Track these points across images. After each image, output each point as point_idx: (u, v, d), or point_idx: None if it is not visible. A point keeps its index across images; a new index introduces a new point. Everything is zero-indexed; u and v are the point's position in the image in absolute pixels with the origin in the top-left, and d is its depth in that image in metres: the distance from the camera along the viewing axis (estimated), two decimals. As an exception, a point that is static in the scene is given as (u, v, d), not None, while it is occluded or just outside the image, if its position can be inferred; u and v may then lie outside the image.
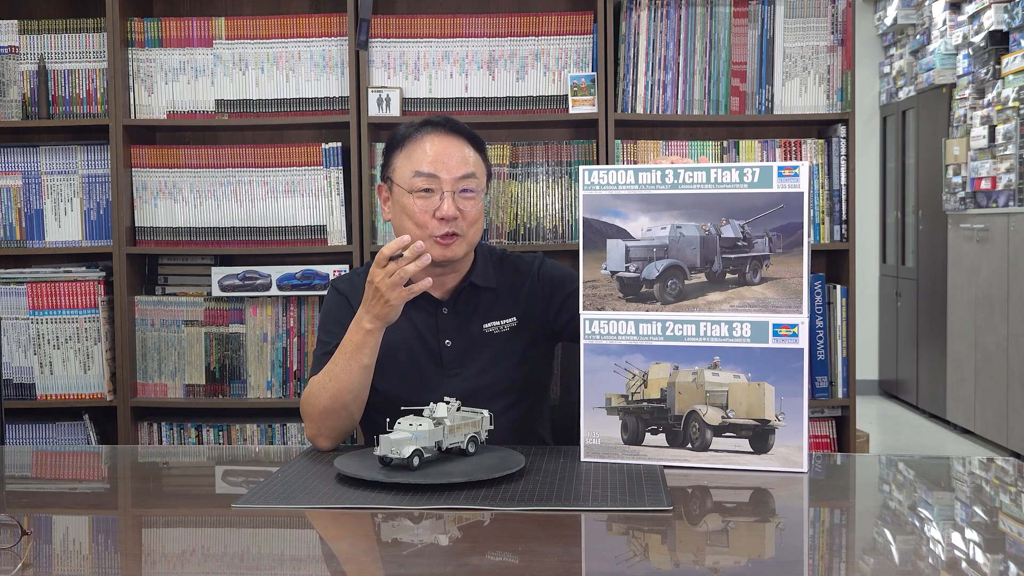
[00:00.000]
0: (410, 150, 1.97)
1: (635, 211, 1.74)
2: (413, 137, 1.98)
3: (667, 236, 1.72)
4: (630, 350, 1.73)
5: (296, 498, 1.53)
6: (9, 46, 3.18)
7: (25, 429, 3.17)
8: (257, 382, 3.16)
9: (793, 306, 1.67)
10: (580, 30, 3.12)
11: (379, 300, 1.77)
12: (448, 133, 1.98)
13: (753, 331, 1.68)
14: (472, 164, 1.98)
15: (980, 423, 5.39)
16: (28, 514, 1.51)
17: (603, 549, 1.40)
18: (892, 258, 6.96)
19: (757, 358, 1.68)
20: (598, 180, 1.75)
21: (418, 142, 1.97)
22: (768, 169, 1.67)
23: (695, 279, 1.72)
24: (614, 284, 1.75)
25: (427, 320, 1.99)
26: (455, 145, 1.97)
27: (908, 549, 1.38)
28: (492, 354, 1.99)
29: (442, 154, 1.95)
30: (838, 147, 3.10)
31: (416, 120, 2.04)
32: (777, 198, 1.67)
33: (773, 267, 1.68)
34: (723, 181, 1.69)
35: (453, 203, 1.93)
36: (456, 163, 1.95)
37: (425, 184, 1.93)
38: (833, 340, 3.09)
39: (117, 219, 3.11)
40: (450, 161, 1.95)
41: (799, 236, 1.66)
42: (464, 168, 1.95)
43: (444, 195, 1.93)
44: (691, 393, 1.71)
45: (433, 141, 1.97)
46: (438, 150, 1.95)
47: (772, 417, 1.67)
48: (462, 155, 1.97)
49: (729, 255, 1.70)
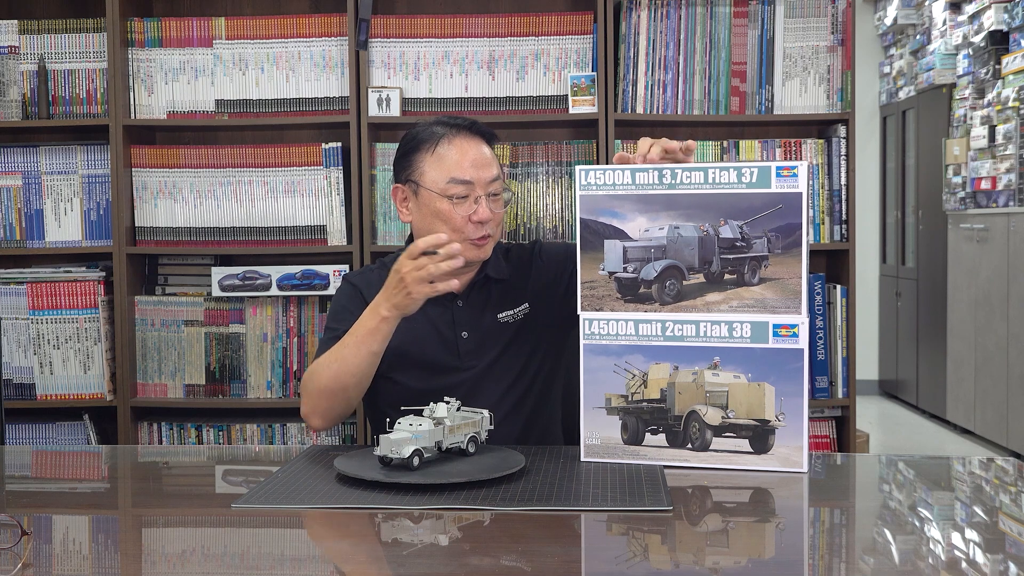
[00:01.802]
0: (440, 155, 1.98)
1: (632, 211, 1.73)
2: (440, 141, 1.98)
3: (665, 237, 1.72)
4: (630, 350, 1.73)
5: (296, 498, 1.53)
6: (9, 46, 3.18)
7: (25, 429, 3.17)
8: (257, 382, 3.16)
9: (792, 307, 1.67)
10: (580, 30, 3.12)
11: (402, 291, 1.78)
12: (474, 136, 2.00)
13: (753, 331, 1.68)
14: (496, 165, 2.01)
15: (980, 423, 5.39)
16: (28, 514, 1.51)
17: (603, 549, 1.40)
18: (892, 258, 6.96)
19: (757, 358, 1.68)
20: (594, 180, 1.75)
21: (448, 146, 1.98)
22: (767, 169, 1.67)
23: (693, 280, 1.71)
24: (612, 285, 1.75)
25: (443, 314, 2.01)
26: (482, 146, 2.00)
27: (908, 549, 1.38)
28: (507, 342, 2.02)
29: (476, 158, 1.97)
30: (838, 147, 3.10)
31: (427, 120, 2.04)
32: (776, 198, 1.66)
33: (772, 267, 1.67)
34: (721, 181, 1.69)
35: (487, 206, 1.96)
36: (487, 165, 1.98)
37: (462, 191, 1.95)
38: (833, 340, 3.09)
39: (117, 219, 3.12)
40: (481, 165, 1.97)
41: (798, 236, 1.66)
42: (493, 170, 1.99)
43: (479, 199, 1.95)
44: (691, 393, 1.70)
45: (463, 145, 1.98)
46: (470, 155, 1.97)
47: (772, 417, 1.67)
48: (489, 155, 2.00)
49: (727, 255, 1.70)
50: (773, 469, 1.67)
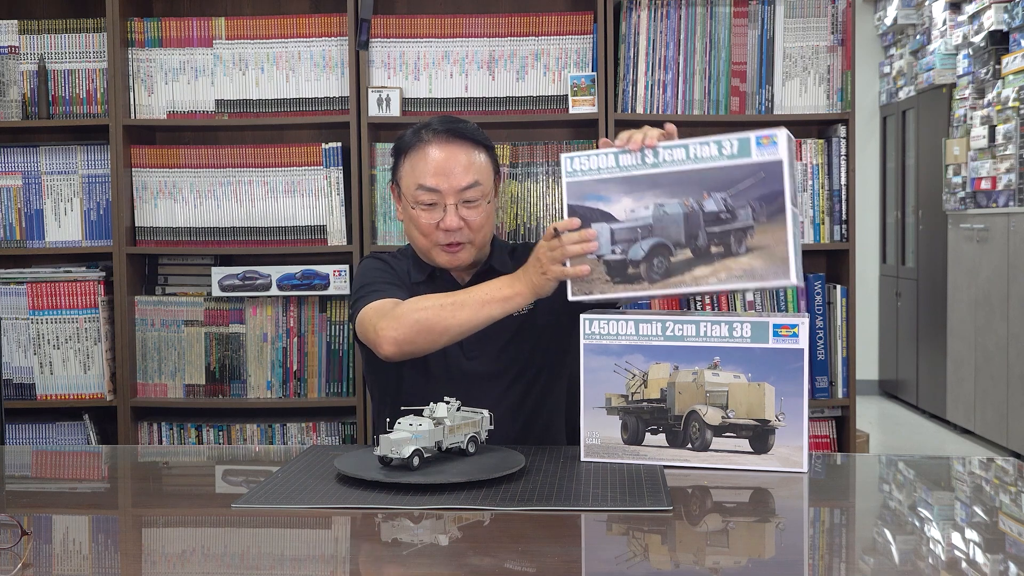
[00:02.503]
0: (413, 160, 1.98)
1: (618, 193, 1.74)
2: (415, 145, 1.98)
3: (650, 215, 1.73)
4: (630, 350, 1.73)
5: (296, 498, 1.53)
6: (9, 46, 3.18)
7: (25, 429, 3.17)
8: (257, 382, 3.16)
9: (780, 273, 1.66)
10: (580, 30, 3.12)
11: (537, 270, 1.79)
12: (449, 140, 1.97)
13: (753, 331, 1.68)
14: (475, 171, 1.97)
15: (980, 423, 5.39)
16: (28, 514, 1.51)
17: (603, 549, 1.40)
18: (892, 258, 6.96)
19: (757, 358, 1.68)
20: (580, 167, 1.77)
21: (420, 152, 1.97)
22: (746, 140, 1.68)
23: (681, 255, 1.72)
24: (601, 268, 1.75)
25: None
26: (457, 152, 1.97)
27: (908, 549, 1.38)
28: (511, 336, 2.02)
29: (443, 165, 1.95)
30: (838, 147, 3.10)
31: (422, 121, 2.04)
32: (756, 168, 1.67)
33: (758, 236, 1.67)
34: (702, 156, 1.70)
35: (456, 215, 1.94)
36: (459, 173, 1.95)
37: (428, 198, 1.95)
38: (833, 340, 3.09)
39: (117, 219, 3.12)
40: (452, 172, 1.95)
41: (781, 203, 1.66)
42: (466, 178, 1.95)
43: (447, 207, 1.94)
44: (691, 393, 1.71)
45: (434, 151, 1.96)
46: (439, 161, 1.95)
47: (772, 417, 1.67)
48: (465, 162, 1.96)
49: (713, 228, 1.70)
50: (773, 469, 1.67)
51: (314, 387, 3.16)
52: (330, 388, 3.16)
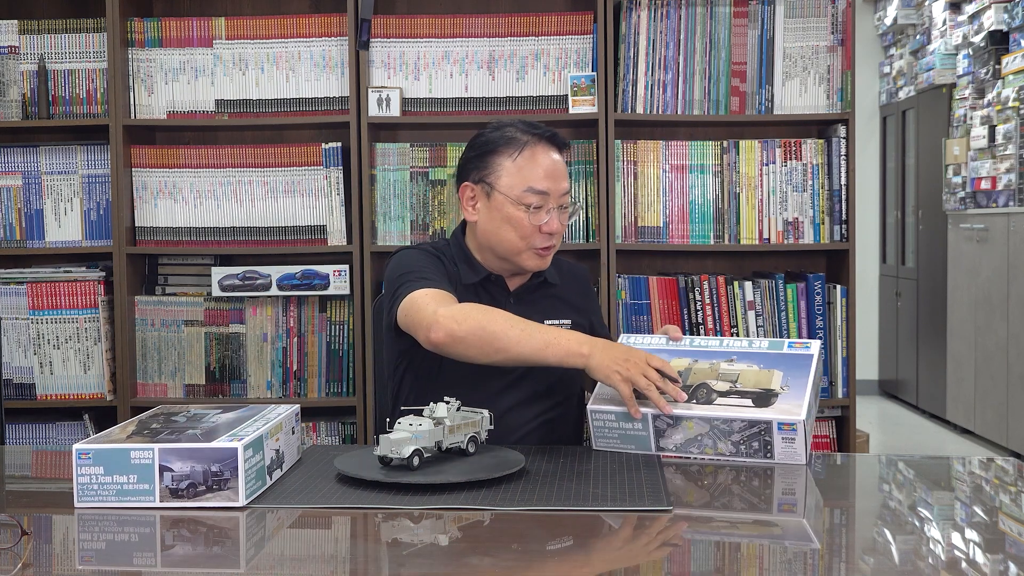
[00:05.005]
0: (521, 162, 1.99)
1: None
2: (523, 148, 2.00)
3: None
4: (657, 352, 1.86)
5: (296, 498, 1.53)
6: (9, 46, 3.18)
7: (25, 429, 3.17)
8: (257, 382, 3.16)
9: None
10: (580, 30, 3.12)
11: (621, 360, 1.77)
12: (553, 148, 2.03)
13: (770, 346, 1.86)
14: (568, 179, 2.05)
15: (980, 423, 5.39)
16: (28, 514, 1.51)
17: (603, 549, 1.40)
18: (892, 258, 6.96)
19: (771, 359, 1.83)
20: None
21: (529, 155, 2.00)
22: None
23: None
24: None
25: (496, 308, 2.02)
26: (559, 160, 2.03)
27: (908, 549, 1.38)
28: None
29: (552, 169, 2.00)
30: (838, 147, 3.10)
31: (502, 122, 2.06)
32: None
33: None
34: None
35: (558, 218, 1.99)
36: (562, 179, 2.01)
37: (537, 200, 1.98)
38: (833, 340, 3.09)
39: (117, 219, 3.12)
40: (559, 176, 2.01)
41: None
42: (566, 184, 2.02)
43: (551, 211, 1.99)
44: (705, 374, 1.83)
45: (544, 156, 2.01)
46: (549, 167, 2.00)
47: (777, 387, 1.77)
48: (564, 169, 2.04)
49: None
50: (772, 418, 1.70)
51: (314, 387, 3.16)
52: (330, 388, 3.16)
